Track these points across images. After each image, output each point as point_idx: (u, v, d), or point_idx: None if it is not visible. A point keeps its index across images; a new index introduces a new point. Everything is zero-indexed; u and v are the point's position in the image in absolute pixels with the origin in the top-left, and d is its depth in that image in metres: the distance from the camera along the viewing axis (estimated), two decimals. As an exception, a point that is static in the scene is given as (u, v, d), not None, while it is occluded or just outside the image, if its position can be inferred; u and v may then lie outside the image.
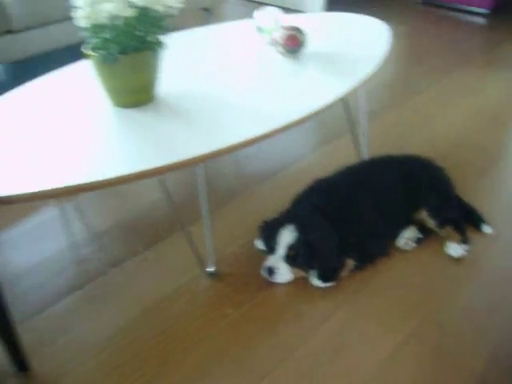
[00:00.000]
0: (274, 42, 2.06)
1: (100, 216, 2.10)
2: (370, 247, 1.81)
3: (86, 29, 1.58)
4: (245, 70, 1.97)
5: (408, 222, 1.91)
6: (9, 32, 2.80)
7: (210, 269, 1.76)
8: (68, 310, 1.67)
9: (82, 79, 1.85)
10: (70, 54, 2.12)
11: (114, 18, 1.52)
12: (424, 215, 1.90)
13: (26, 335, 1.49)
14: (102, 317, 1.64)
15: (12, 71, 3.33)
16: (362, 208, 1.82)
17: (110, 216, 2.08)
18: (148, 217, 2.06)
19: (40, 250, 1.91)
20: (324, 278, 1.71)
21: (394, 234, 1.89)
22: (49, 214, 2.09)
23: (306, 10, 4.24)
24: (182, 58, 2.03)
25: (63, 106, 1.74)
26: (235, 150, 1.53)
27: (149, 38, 1.61)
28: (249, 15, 2.23)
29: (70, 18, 1.77)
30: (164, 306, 1.66)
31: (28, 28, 2.81)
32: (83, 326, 1.61)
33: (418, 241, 1.88)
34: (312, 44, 2.00)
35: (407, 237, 1.88)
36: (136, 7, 1.53)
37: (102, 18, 1.52)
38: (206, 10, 3.57)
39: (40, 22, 2.84)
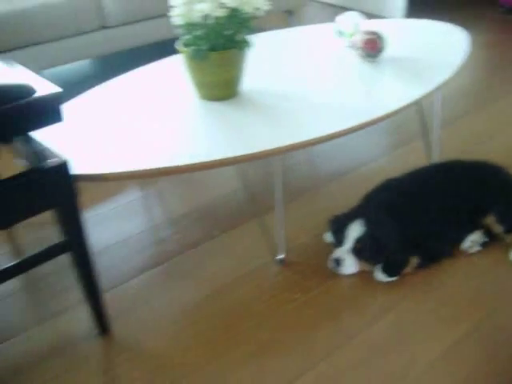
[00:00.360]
0: (354, 46, 2.14)
1: (180, 201, 2.24)
2: (435, 247, 1.87)
3: (179, 26, 1.72)
4: (324, 70, 2.06)
5: (475, 226, 1.95)
6: (103, 27, 3.00)
7: (280, 256, 1.86)
8: (147, 284, 1.81)
9: (173, 72, 2.00)
10: (161, 48, 2.28)
11: (207, 17, 1.65)
12: (491, 220, 1.93)
13: (108, 303, 1.63)
14: (178, 292, 1.77)
15: (107, 64, 3.54)
16: (429, 209, 1.88)
17: (189, 202, 2.22)
18: (225, 204, 2.20)
19: (123, 228, 2.07)
20: (388, 272, 1.78)
21: (460, 237, 1.93)
22: (133, 196, 2.26)
23: (386, 15, 4.28)
24: (265, 58, 2.15)
25: (155, 96, 1.89)
26: (311, 145, 1.64)
27: (237, 37, 1.73)
28: (330, 19, 2.32)
29: (162, 16, 1.91)
30: (235, 286, 1.78)
31: (122, 24, 3.01)
32: (160, 299, 1.75)
33: (483, 245, 1.92)
34: (391, 49, 2.07)
35: (472, 240, 1.92)
36: (227, 8, 1.65)
37: (196, 17, 1.66)
38: (289, 12, 3.68)
39: (134, 18, 3.03)
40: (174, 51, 1.83)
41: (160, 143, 1.58)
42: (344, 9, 4.05)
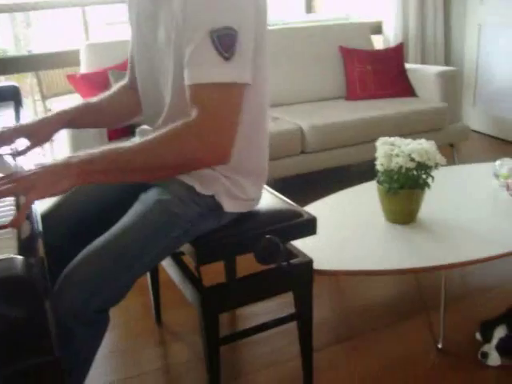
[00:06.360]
0: (507, 187, 2.75)
1: (363, 294, 2.92)
2: None
3: (379, 171, 2.45)
4: (479, 205, 2.70)
5: None
6: (302, 152, 3.86)
7: (439, 345, 2.44)
8: (336, 352, 2.47)
9: (368, 197, 2.73)
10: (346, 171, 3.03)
11: (400, 167, 2.37)
12: None
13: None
14: (365, 360, 2.41)
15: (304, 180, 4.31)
16: None
17: (373, 296, 2.91)
18: (399, 301, 2.86)
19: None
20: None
21: None
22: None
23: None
24: (434, 191, 2.82)
25: (355, 213, 2.63)
26: (470, 265, 2.25)
27: (420, 181, 2.43)
28: (491, 152, 2.95)
29: (348, 145, 2.65)
30: (402, 363, 2.38)
31: (318, 150, 3.87)
32: (345, 367, 2.39)
33: None
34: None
35: None
36: (415, 161, 2.36)
37: (393, 166, 2.38)
38: (452, 146, 4.34)
39: (327, 146, 3.88)
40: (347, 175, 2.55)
41: (363, 250, 2.30)
42: (504, 141, 4.64)
